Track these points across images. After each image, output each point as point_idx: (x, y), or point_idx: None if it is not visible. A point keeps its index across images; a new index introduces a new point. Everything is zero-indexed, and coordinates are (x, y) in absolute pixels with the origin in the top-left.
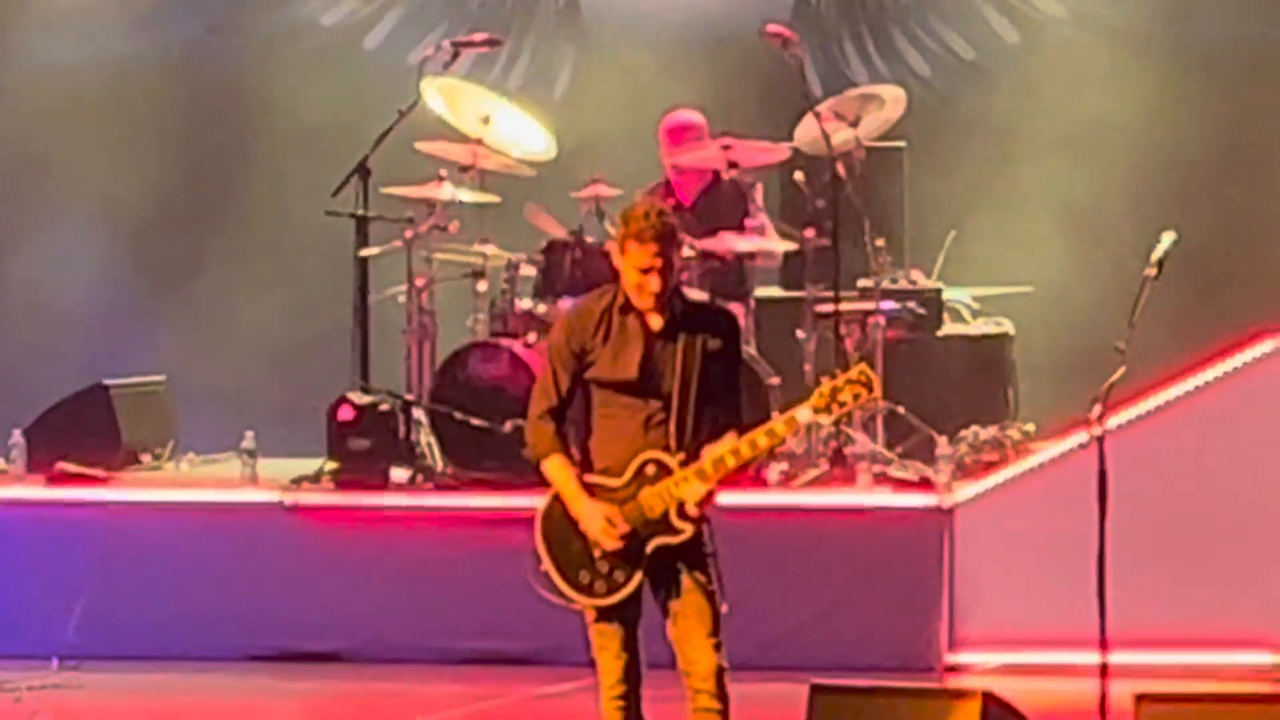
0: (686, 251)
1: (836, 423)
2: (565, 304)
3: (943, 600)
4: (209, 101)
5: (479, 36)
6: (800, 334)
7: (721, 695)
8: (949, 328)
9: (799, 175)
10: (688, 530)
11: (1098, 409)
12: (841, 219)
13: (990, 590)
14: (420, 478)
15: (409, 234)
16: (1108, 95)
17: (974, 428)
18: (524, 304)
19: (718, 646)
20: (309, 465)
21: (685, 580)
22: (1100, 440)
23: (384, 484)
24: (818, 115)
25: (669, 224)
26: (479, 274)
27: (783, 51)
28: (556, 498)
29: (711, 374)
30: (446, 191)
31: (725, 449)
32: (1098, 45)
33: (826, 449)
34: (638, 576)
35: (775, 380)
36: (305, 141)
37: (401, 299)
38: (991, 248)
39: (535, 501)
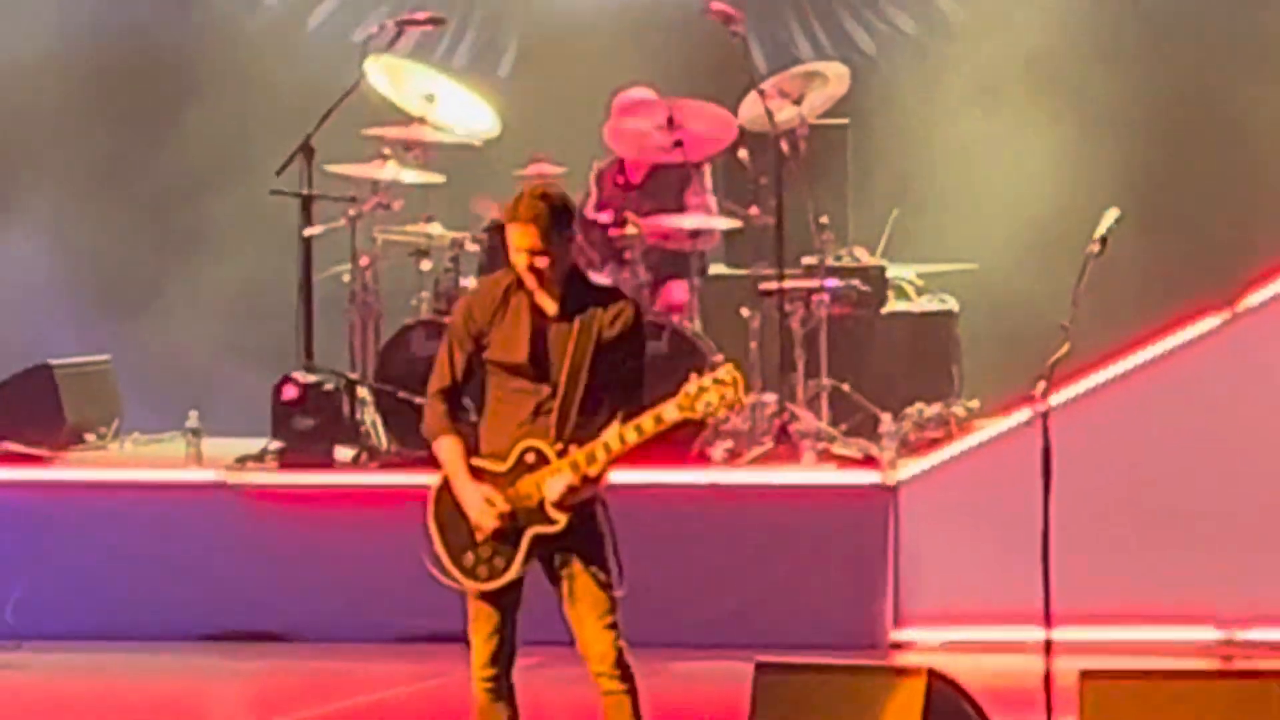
0: (630, 230)
1: (782, 410)
2: None
3: (887, 577)
4: (151, 80)
5: (423, 15)
6: (745, 311)
7: (624, 675)
8: (893, 305)
9: (743, 153)
10: (561, 521)
11: (1042, 386)
12: (785, 196)
13: (935, 567)
14: (365, 457)
15: (353, 213)
16: (1053, 70)
17: (918, 405)
18: (468, 282)
19: (612, 626)
20: (253, 445)
21: (574, 566)
22: (1044, 417)
23: (328, 463)
24: (762, 93)
25: (543, 207)
26: (423, 253)
27: (726, 29)
28: (447, 479)
29: (607, 363)
30: (390, 170)
31: (597, 443)
32: (1043, 21)
33: (771, 427)
34: (518, 564)
35: (719, 358)
36: (249, 120)
37: (346, 278)
38: (936, 225)
39: None
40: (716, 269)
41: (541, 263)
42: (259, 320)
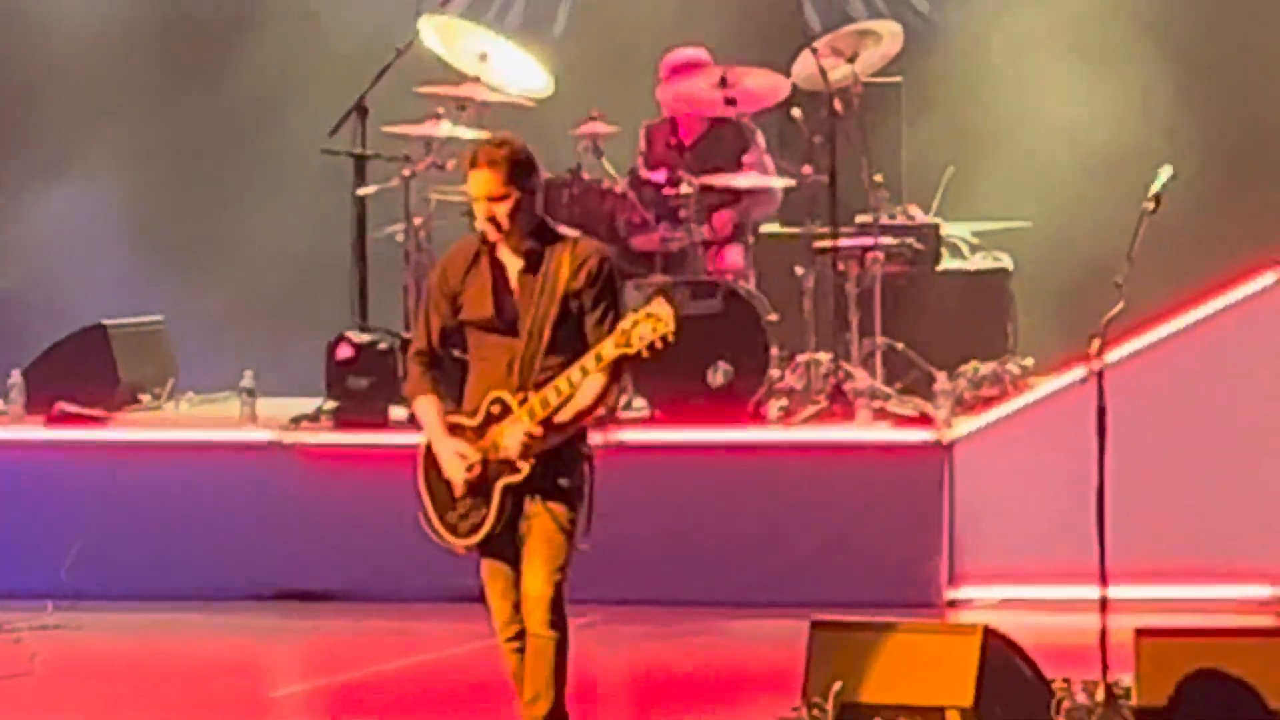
0: (684, 189)
1: (836, 369)
2: None
3: (943, 536)
4: (205, 41)
5: None
6: (799, 270)
7: (554, 624)
8: (947, 263)
9: (796, 111)
10: (525, 469)
11: (1096, 343)
12: (839, 155)
13: (990, 525)
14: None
15: (407, 172)
16: (1108, 28)
17: (973, 363)
18: None
19: (555, 572)
20: (308, 404)
21: (535, 508)
22: (1099, 375)
23: (383, 422)
24: (815, 51)
25: (502, 154)
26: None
27: None
28: (430, 441)
29: (575, 312)
30: (444, 129)
31: (549, 387)
32: None
33: (826, 385)
34: (492, 515)
35: (774, 316)
36: (302, 79)
37: (400, 237)
38: (990, 183)
39: None
40: (770, 228)
41: (500, 210)
42: (313, 280)
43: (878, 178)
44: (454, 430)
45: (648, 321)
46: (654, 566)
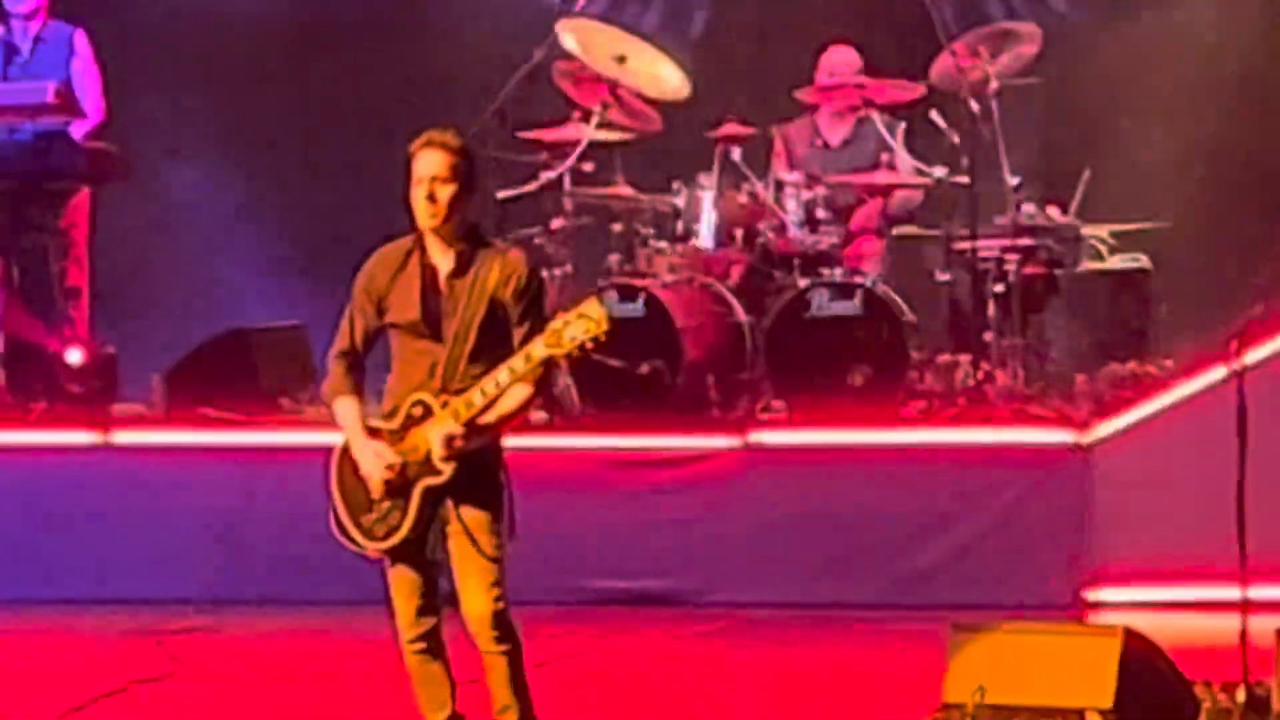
0: (821, 190)
1: (976, 370)
2: (699, 242)
3: (1083, 537)
4: (342, 44)
5: None
6: (937, 272)
7: (502, 637)
8: (1087, 264)
9: (934, 113)
10: (447, 470)
11: (1236, 344)
12: (978, 156)
13: (1131, 526)
14: (557, 418)
15: (544, 175)
16: (1248, 28)
17: (1112, 364)
18: (659, 244)
19: (492, 587)
20: None
21: (454, 524)
22: (1240, 375)
23: (522, 425)
24: (954, 52)
25: (456, 141)
26: (614, 215)
27: None
28: (348, 443)
29: (501, 320)
30: (582, 133)
31: (474, 388)
32: None
33: (965, 387)
34: (411, 517)
35: (912, 318)
36: (441, 83)
37: (538, 240)
38: (1129, 183)
39: (672, 443)
40: (908, 229)
41: (443, 192)
42: None
43: (1016, 179)
44: (374, 433)
45: (579, 322)
46: (792, 568)
